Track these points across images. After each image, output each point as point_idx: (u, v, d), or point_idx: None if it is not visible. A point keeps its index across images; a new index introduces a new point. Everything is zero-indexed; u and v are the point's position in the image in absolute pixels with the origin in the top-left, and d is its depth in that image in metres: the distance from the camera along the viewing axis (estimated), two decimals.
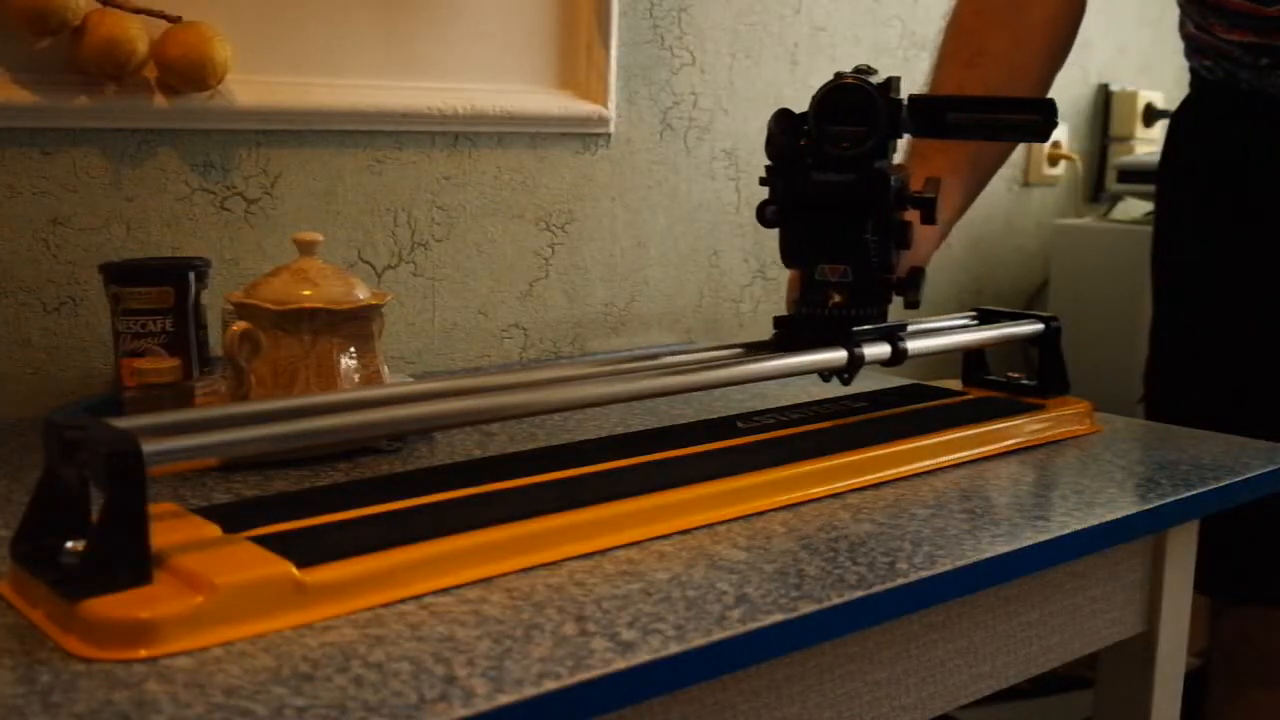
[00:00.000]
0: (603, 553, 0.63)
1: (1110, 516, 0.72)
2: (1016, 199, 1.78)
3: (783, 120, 0.80)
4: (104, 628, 0.50)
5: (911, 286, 0.83)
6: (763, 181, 0.81)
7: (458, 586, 0.58)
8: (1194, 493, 0.78)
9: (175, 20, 1.00)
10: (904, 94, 0.82)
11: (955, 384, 1.01)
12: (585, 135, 1.28)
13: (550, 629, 0.54)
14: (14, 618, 0.54)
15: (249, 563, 0.55)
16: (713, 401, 1.00)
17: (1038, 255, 1.82)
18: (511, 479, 0.71)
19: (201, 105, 1.03)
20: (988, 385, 0.98)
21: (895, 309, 0.84)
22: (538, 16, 1.23)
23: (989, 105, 0.82)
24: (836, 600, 0.58)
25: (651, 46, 1.33)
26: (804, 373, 0.79)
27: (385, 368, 0.87)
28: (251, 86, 1.06)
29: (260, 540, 0.58)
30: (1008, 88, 1.00)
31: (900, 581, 0.61)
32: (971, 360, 1.00)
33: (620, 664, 0.50)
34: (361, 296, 0.85)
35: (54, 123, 0.98)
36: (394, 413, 0.63)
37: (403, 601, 0.56)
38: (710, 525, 0.68)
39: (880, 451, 0.79)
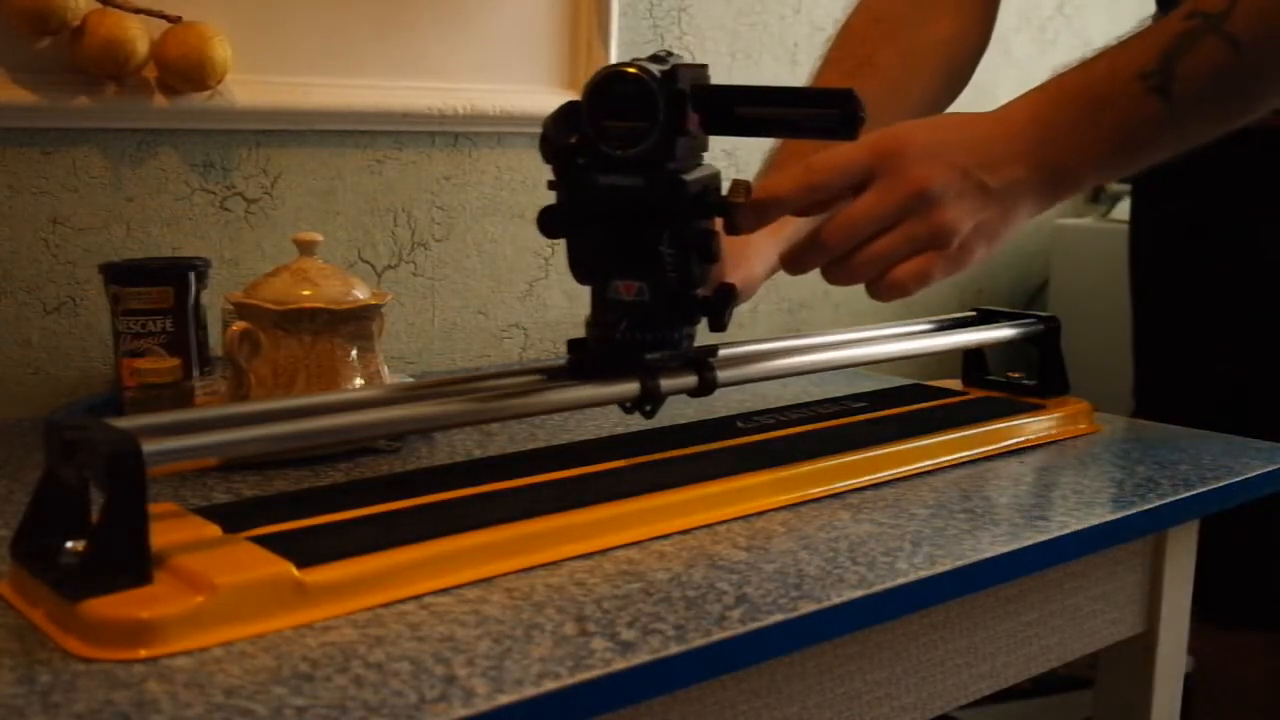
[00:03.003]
0: (603, 553, 0.63)
1: (1110, 516, 0.72)
2: None
3: (561, 116, 0.70)
4: (104, 628, 0.50)
5: (718, 307, 0.72)
6: (550, 185, 0.71)
7: (458, 586, 0.58)
8: (1194, 493, 0.78)
9: (175, 20, 1.00)
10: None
11: (955, 384, 1.01)
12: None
13: (550, 629, 0.54)
14: (14, 618, 0.54)
15: (249, 563, 0.55)
16: (712, 402, 1.00)
17: (1038, 255, 1.82)
18: (511, 479, 0.71)
19: (201, 105, 1.03)
20: (988, 385, 0.98)
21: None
22: (538, 16, 1.23)
23: (780, 97, 0.72)
24: (836, 600, 0.58)
25: (651, 47, 1.33)
26: (590, 405, 0.71)
27: (385, 368, 0.87)
28: (251, 86, 1.06)
29: (260, 540, 0.58)
30: (889, 105, 0.91)
31: (900, 581, 0.61)
32: (971, 360, 1.00)
33: (620, 664, 0.50)
34: (361, 296, 0.85)
35: (54, 123, 0.98)
36: (394, 413, 0.63)
37: (403, 601, 0.56)
38: (710, 525, 0.68)
39: (880, 451, 0.79)
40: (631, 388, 0.70)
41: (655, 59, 0.69)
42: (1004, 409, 0.90)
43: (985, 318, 0.96)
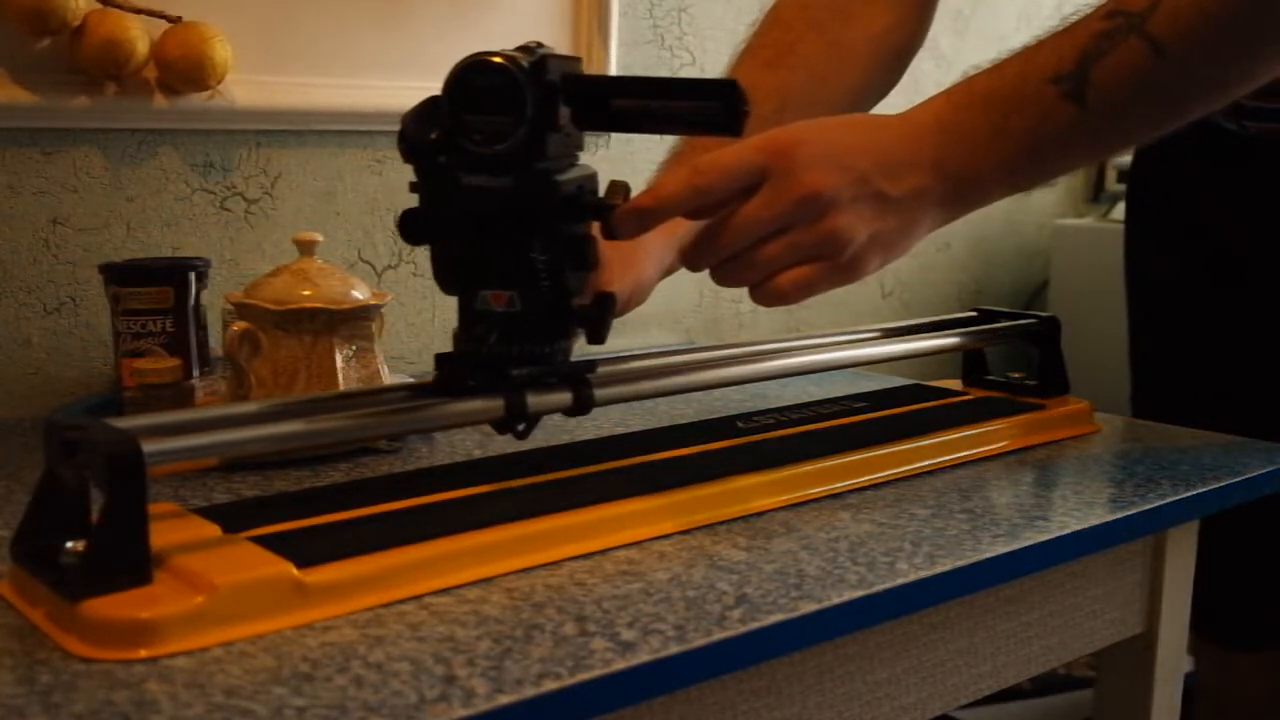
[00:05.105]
0: (603, 553, 0.63)
1: (1110, 516, 0.72)
2: (1017, 199, 1.78)
3: (420, 111, 0.65)
4: (104, 628, 0.50)
5: (596, 318, 0.66)
6: (413, 187, 0.65)
7: (458, 586, 0.58)
8: (1194, 493, 0.78)
9: (175, 20, 1.00)
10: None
11: (955, 384, 1.01)
12: (586, 135, 1.27)
13: (550, 629, 0.54)
14: (14, 618, 0.54)
15: (249, 563, 0.55)
16: (713, 401, 1.00)
17: (1038, 255, 1.82)
18: (511, 479, 0.71)
19: (201, 105, 1.03)
20: (988, 385, 0.98)
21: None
22: (538, 17, 1.23)
23: (660, 89, 0.67)
24: (836, 600, 0.58)
25: (651, 46, 1.33)
26: (451, 426, 0.67)
27: (385, 368, 0.87)
28: (251, 86, 1.06)
29: (260, 540, 0.58)
30: (810, 99, 0.87)
31: (900, 581, 0.61)
32: (971, 360, 1.00)
33: (620, 664, 0.50)
34: (361, 296, 0.85)
35: (54, 123, 0.98)
36: (394, 413, 0.63)
37: (403, 601, 0.56)
38: (710, 525, 0.68)
39: (880, 451, 0.79)
40: (496, 405, 0.65)
41: (524, 49, 0.63)
42: (1004, 409, 0.90)
43: (985, 318, 0.96)
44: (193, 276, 0.94)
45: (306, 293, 0.83)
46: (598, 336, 0.66)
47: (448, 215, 0.64)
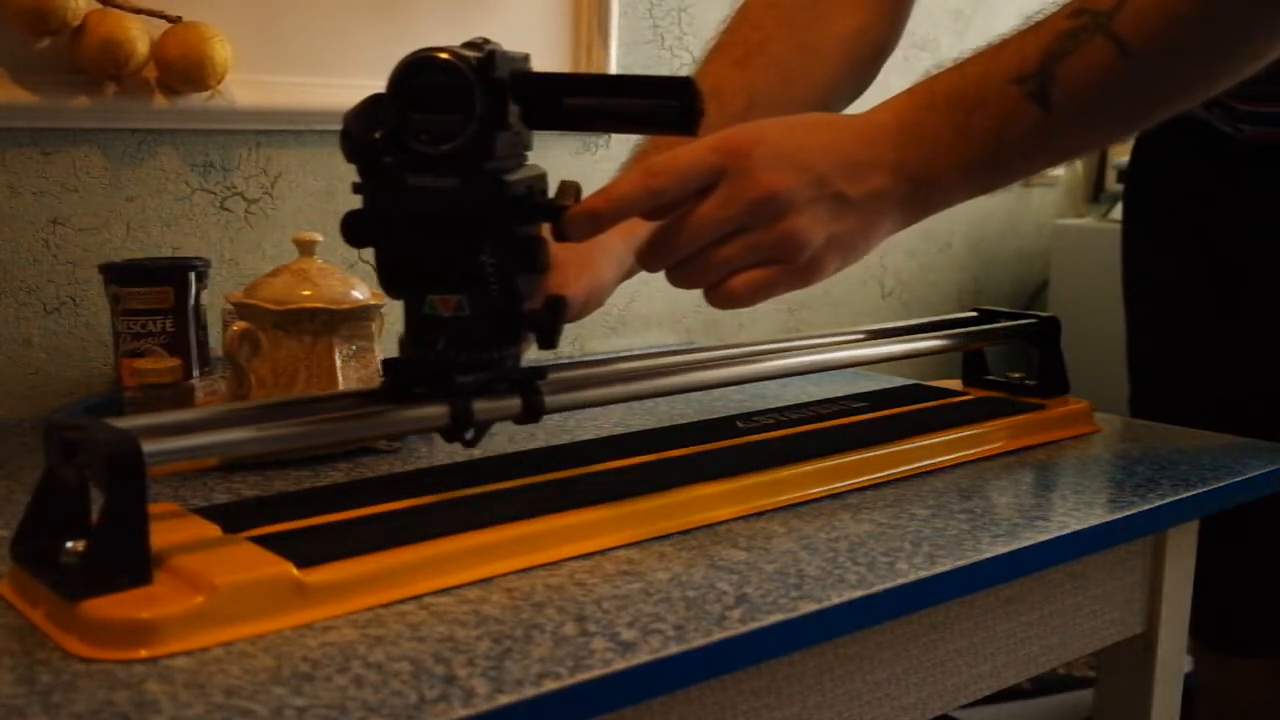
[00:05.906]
0: (603, 553, 0.63)
1: (1110, 516, 0.72)
2: (1016, 199, 1.78)
3: (364, 109, 0.63)
4: (104, 628, 0.50)
5: (547, 322, 0.64)
6: (356, 189, 0.63)
7: (458, 586, 0.58)
8: (1194, 493, 0.78)
9: (175, 20, 1.00)
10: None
11: (955, 384, 1.01)
12: (585, 135, 1.28)
13: (550, 629, 0.54)
14: (14, 618, 0.54)
15: (249, 563, 0.55)
16: (713, 401, 1.00)
17: (1038, 255, 1.82)
18: (511, 479, 0.71)
19: (201, 105, 1.03)
20: (988, 385, 0.98)
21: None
22: (537, 17, 1.23)
23: (613, 86, 0.65)
24: (836, 600, 0.58)
25: (651, 46, 1.33)
26: (395, 435, 0.64)
27: None
28: (251, 86, 1.06)
29: (260, 540, 0.58)
30: (780, 99, 0.84)
31: (900, 581, 0.61)
32: (971, 360, 1.00)
33: (620, 664, 0.50)
34: (361, 296, 0.85)
35: (54, 123, 0.98)
36: (395, 413, 0.63)
37: (403, 601, 0.56)
38: (710, 525, 0.68)
39: (880, 451, 0.79)
40: (441, 413, 0.63)
41: (471, 45, 0.61)
42: (1004, 409, 0.90)
43: (985, 318, 0.96)
44: (193, 276, 0.94)
45: (306, 293, 0.83)
46: (549, 341, 0.65)
47: (393, 217, 0.62)
